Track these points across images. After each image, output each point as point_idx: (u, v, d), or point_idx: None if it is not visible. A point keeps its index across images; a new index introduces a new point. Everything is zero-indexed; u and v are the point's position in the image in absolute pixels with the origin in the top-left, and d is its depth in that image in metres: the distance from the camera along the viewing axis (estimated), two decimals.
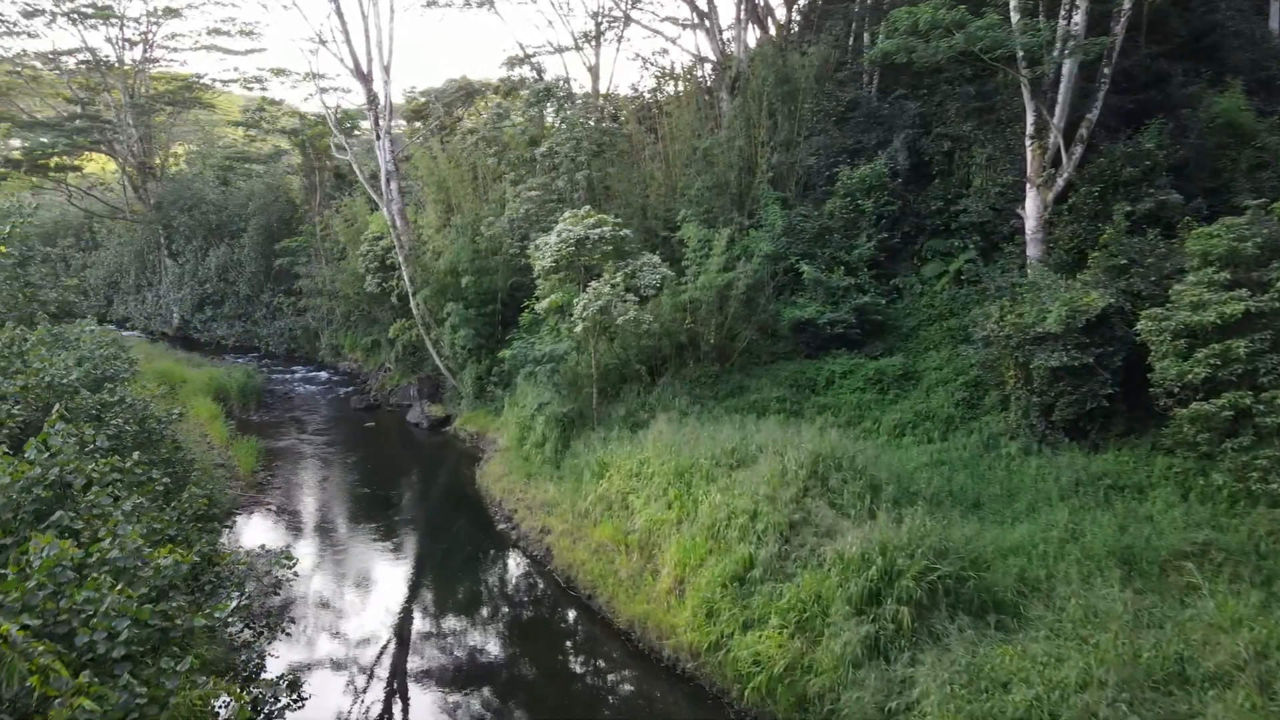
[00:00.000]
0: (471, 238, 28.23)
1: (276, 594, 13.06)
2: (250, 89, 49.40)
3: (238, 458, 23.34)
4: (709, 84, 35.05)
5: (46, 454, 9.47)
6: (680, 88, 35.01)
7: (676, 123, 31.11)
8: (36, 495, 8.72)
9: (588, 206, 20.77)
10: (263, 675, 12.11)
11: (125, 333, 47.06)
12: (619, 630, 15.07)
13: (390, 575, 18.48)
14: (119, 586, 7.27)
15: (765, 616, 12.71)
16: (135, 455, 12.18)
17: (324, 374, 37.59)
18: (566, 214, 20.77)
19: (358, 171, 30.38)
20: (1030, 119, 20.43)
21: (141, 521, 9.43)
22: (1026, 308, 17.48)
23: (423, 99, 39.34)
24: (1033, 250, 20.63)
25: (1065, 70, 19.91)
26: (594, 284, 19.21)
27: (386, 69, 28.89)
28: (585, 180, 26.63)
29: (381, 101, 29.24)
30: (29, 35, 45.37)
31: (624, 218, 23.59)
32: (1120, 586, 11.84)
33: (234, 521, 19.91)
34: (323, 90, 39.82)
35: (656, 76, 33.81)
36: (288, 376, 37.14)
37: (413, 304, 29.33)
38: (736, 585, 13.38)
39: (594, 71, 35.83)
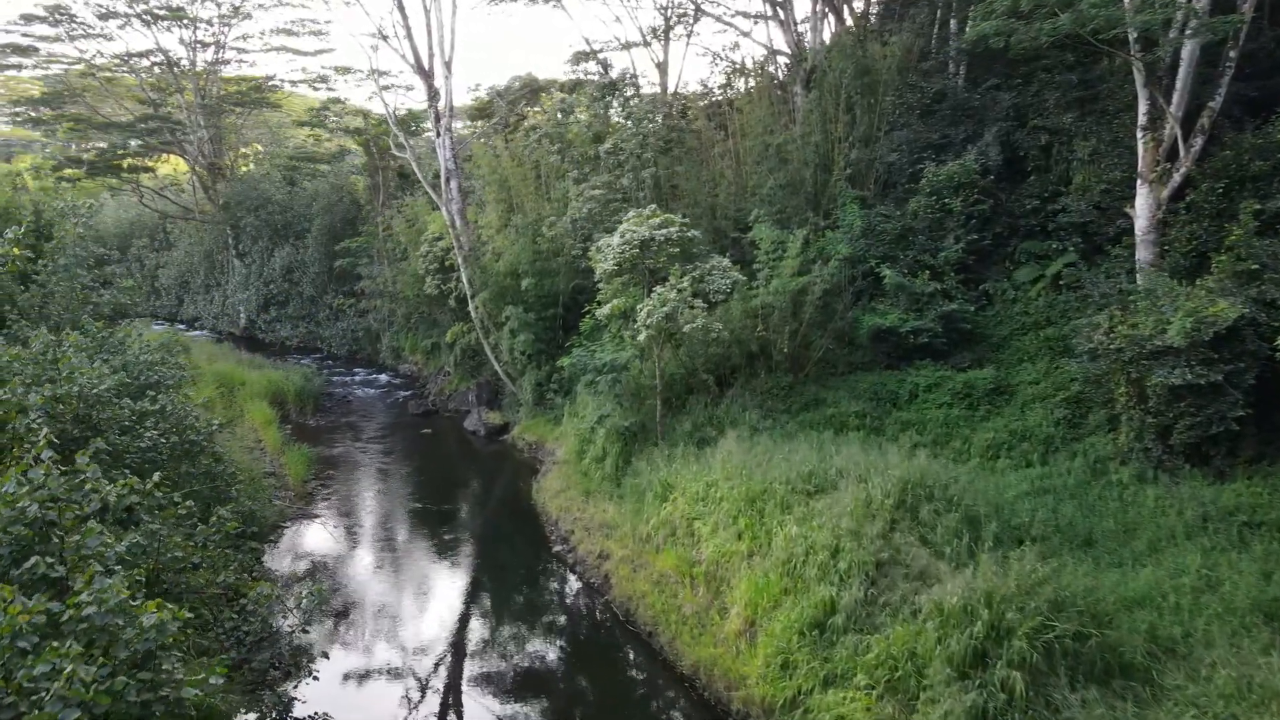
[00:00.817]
0: (532, 238, 27.12)
1: (306, 631, 11.97)
2: (316, 89, 49.35)
3: (289, 466, 22.58)
4: (782, 78, 33.45)
5: (30, 485, 8.39)
6: (751, 83, 33.49)
7: (748, 119, 29.58)
8: (16, 534, 7.67)
9: (653, 205, 19.42)
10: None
11: (193, 332, 47.37)
12: (682, 675, 13.65)
13: (438, 599, 17.37)
14: (95, 651, 6.18)
15: (849, 673, 11.16)
16: (156, 476, 11.18)
17: (384, 377, 36.98)
18: (630, 213, 19.46)
19: (416, 170, 29.55)
20: (1143, 108, 18.38)
21: (140, 567, 8.29)
22: (1141, 318, 15.56)
23: (487, 96, 38.47)
24: (1143, 253, 18.58)
25: (1185, 53, 17.84)
26: (659, 289, 17.84)
27: (448, 64, 27.96)
28: (651, 178, 25.30)
29: (442, 97, 28.32)
30: (104, 38, 45.55)
31: (691, 218, 22.19)
32: (1275, 651, 10.00)
33: (280, 535, 19.06)
34: (384, 88, 39.26)
35: (726, 73, 32.25)
36: (348, 379, 36.62)
37: (471, 307, 28.36)
38: (816, 633, 11.85)
39: (662, 68, 34.50)
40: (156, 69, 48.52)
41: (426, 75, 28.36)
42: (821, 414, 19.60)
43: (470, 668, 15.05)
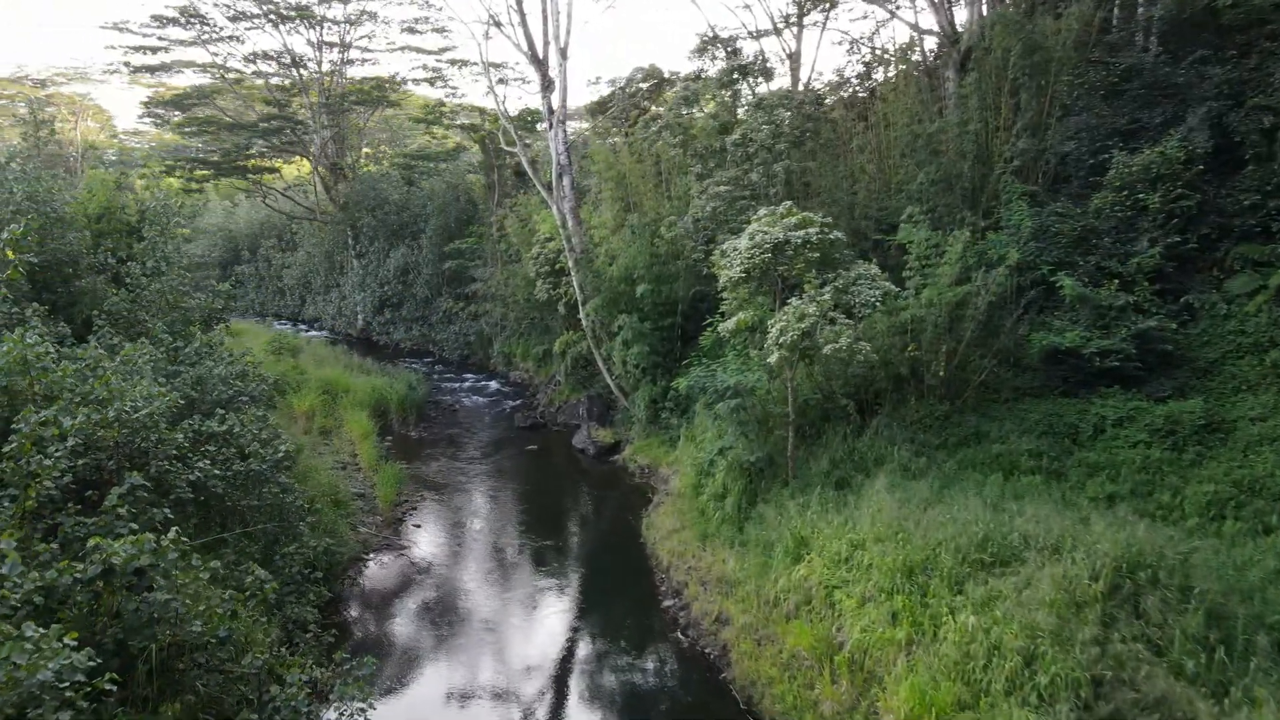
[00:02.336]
0: (650, 240, 24.68)
1: None
2: (434, 85, 48.46)
3: (380, 486, 20.80)
4: (930, 62, 29.92)
5: None
6: (895, 70, 30.10)
7: (891, 107, 26.30)
8: None
9: (789, 203, 16.59)
10: None
11: (312, 333, 47.21)
12: None
13: (524, 660, 14.90)
14: None
15: None
16: (172, 533, 9.19)
17: (493, 384, 35.30)
18: (761, 212, 16.70)
19: (526, 166, 27.55)
20: None
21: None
22: None
23: (608, 89, 36.33)
24: None
25: None
26: (794, 301, 15.02)
27: (563, 51, 25.81)
28: (784, 172, 22.45)
29: (556, 87, 26.20)
30: (233, 39, 45.79)
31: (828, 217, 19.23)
32: None
33: (359, 570, 17.16)
34: (498, 81, 37.63)
35: (864, 63, 28.95)
36: (457, 385, 35.11)
37: (582, 314, 26.14)
38: None
39: (794, 59, 31.46)
40: (281, 70, 48.62)
41: (540, 63, 26.31)
42: (985, 451, 16.34)
43: None
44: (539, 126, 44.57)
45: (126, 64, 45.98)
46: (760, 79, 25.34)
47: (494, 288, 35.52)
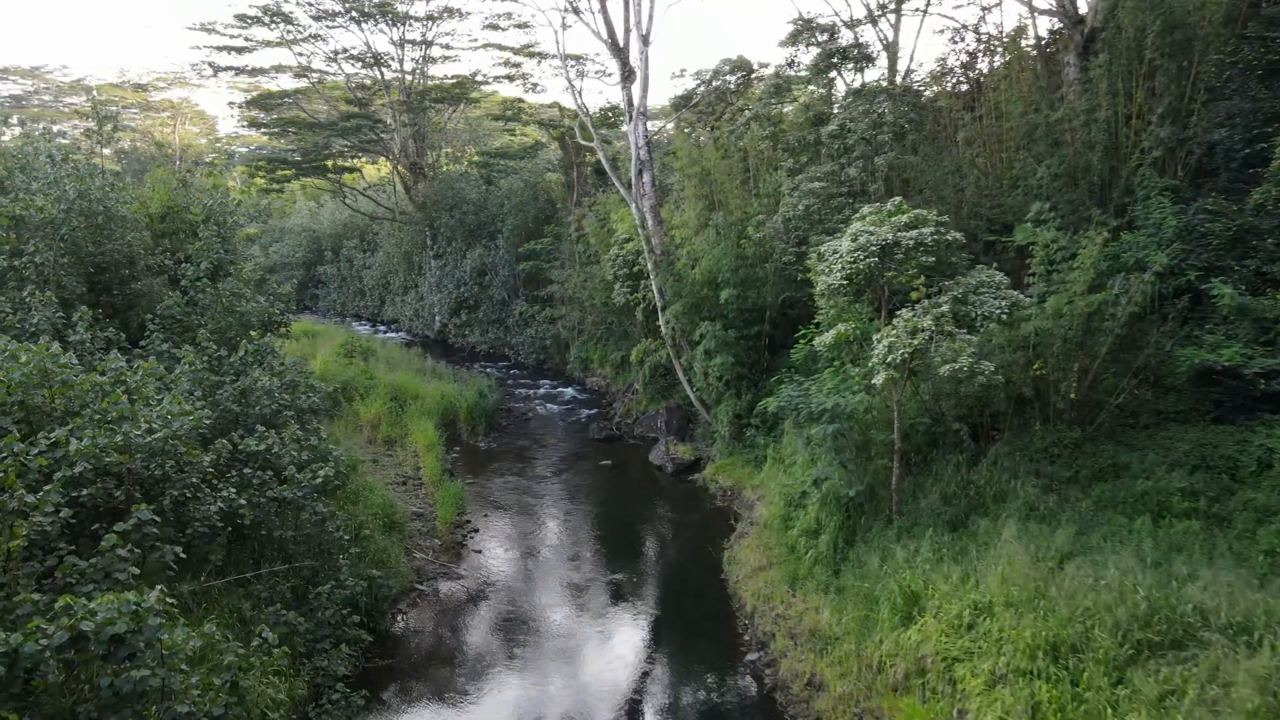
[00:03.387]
0: (736, 241, 22.72)
1: None
2: (513, 80, 47.34)
3: (440, 505, 19.35)
4: (1047, 46, 27.14)
5: None
6: (1005, 56, 27.39)
7: (1004, 96, 23.74)
8: None
9: (898, 199, 14.42)
10: None
11: (390, 334, 46.61)
12: None
13: (586, 714, 13.15)
14: None
15: None
16: (155, 592, 7.70)
17: (569, 391, 33.77)
18: (865, 210, 14.61)
19: (605, 162, 25.89)
20: None
21: None
22: None
23: (692, 82, 34.36)
24: None
25: None
26: (904, 313, 12.90)
27: (645, 38, 24.05)
28: (886, 166, 20.25)
29: (637, 77, 24.46)
30: (317, 38, 45.54)
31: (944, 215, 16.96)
32: None
33: (410, 602, 15.63)
34: (577, 74, 36.11)
35: (969, 52, 26.25)
36: (531, 392, 33.70)
37: (661, 320, 24.34)
38: None
39: (891, 49, 28.89)
40: (362, 68, 48.21)
41: (620, 51, 24.63)
42: (1128, 489, 13.91)
43: None
44: (623, 128, 43.07)
45: (211, 64, 46.17)
46: (859, 66, 23.10)
47: (571, 290, 34.03)
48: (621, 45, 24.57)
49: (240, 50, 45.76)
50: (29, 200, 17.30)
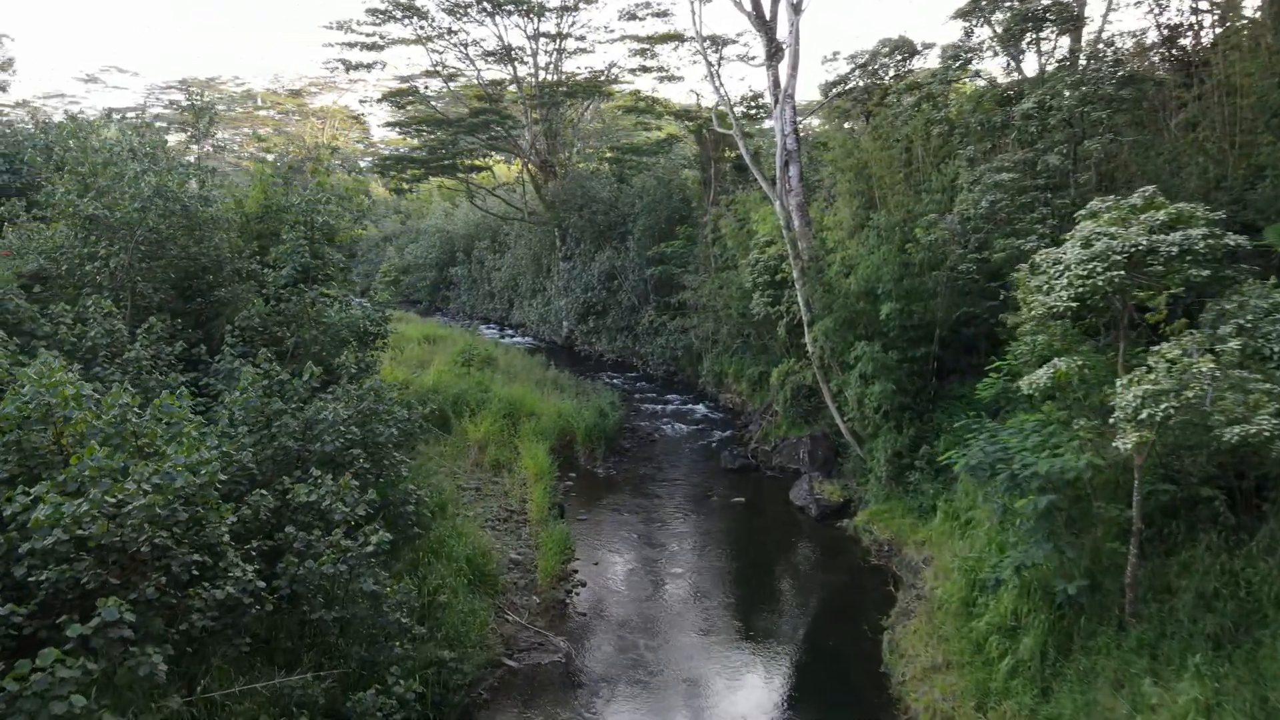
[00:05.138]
0: (899, 245, 19.04)
1: None
2: (648, 70, 44.59)
3: (543, 550, 16.57)
4: None
5: None
6: (1229, 21, 22.39)
7: (1237, 69, 19.05)
8: None
9: (1150, 189, 10.55)
10: None
11: (517, 339, 44.74)
12: None
13: None
14: None
15: None
16: None
17: (701, 408, 30.62)
18: (1098, 205, 10.81)
19: (746, 154, 22.58)
20: None
21: None
22: None
23: (845, 66, 30.57)
24: None
25: None
26: (1165, 347, 9.12)
27: (797, 5, 20.62)
28: (1102, 151, 16.22)
29: (787, 54, 21.09)
30: (450, 33, 44.22)
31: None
32: None
33: (492, 685, 12.80)
34: (720, 58, 32.91)
35: (1176, 21, 21.37)
36: (659, 408, 30.73)
37: (807, 337, 20.87)
38: None
39: (1077, 21, 24.16)
40: (494, 62, 46.56)
41: (766, 24, 21.31)
42: None
43: None
44: (764, 123, 39.64)
45: (344, 61, 45.45)
46: (1063, 29, 18.90)
47: (705, 297, 30.86)
48: (768, 17, 21.25)
49: (372, 47, 44.88)
50: (98, 197, 15.59)
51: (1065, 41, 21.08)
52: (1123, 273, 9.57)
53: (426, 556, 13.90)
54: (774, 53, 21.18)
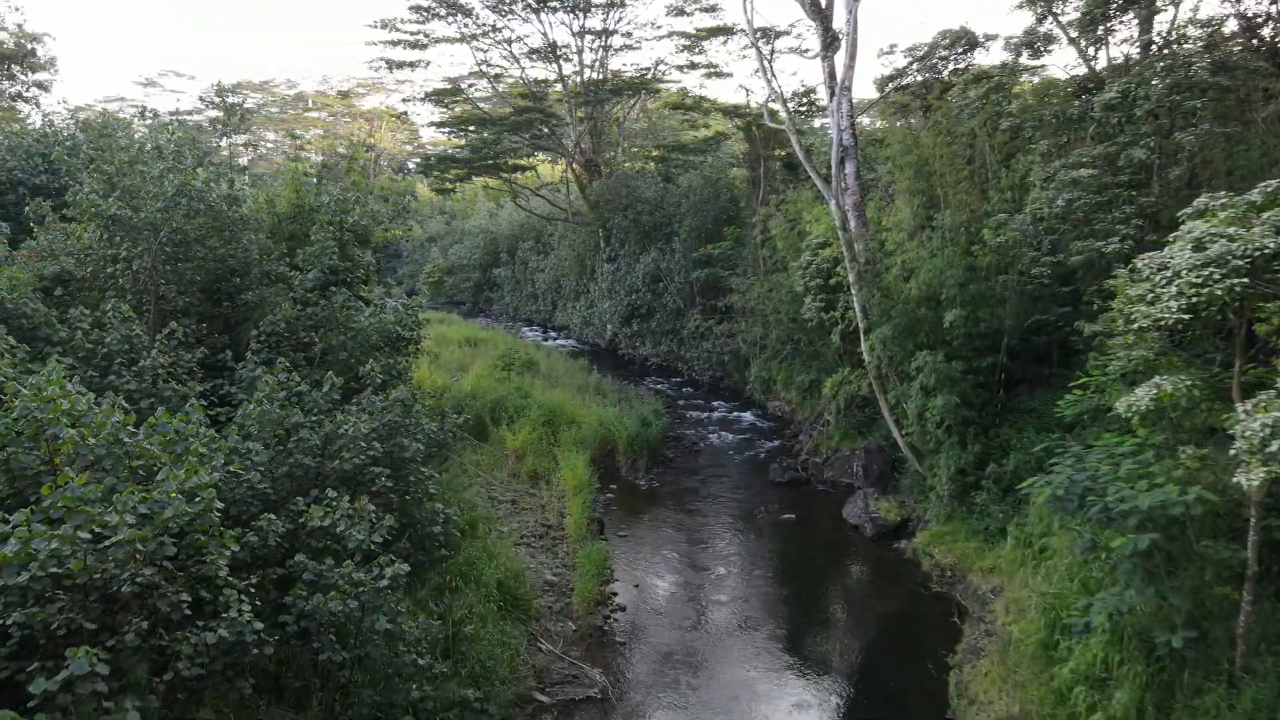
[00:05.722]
0: (964, 247, 17.74)
1: None
2: (695, 66, 43.47)
3: (580, 572, 15.56)
4: None
5: None
6: None
7: None
8: None
9: (1273, 184, 9.20)
10: None
11: (560, 342, 43.90)
12: None
13: None
14: None
15: None
16: None
17: (748, 416, 29.44)
18: (1206, 201, 9.49)
19: (798, 149, 21.36)
20: None
21: None
22: None
23: (903, 60, 29.15)
24: None
25: None
26: None
27: None
28: (1197, 144, 14.79)
29: (843, 44, 19.88)
30: (494, 29, 43.60)
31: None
32: None
33: None
34: (772, 51, 31.57)
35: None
36: (704, 415, 29.62)
37: (864, 345, 19.62)
38: None
39: (1148, 7, 22.50)
40: (540, 62, 45.82)
41: (822, 14, 20.10)
42: None
43: None
44: (815, 122, 38.28)
45: (387, 60, 44.98)
46: (1151, 9, 17.39)
47: (753, 301, 29.69)
48: (824, 5, 20.05)
49: (415, 45, 44.37)
50: (122, 197, 14.93)
51: (1135, 34, 19.61)
52: (1246, 280, 8.28)
53: (454, 580, 12.98)
54: (830, 43, 19.96)
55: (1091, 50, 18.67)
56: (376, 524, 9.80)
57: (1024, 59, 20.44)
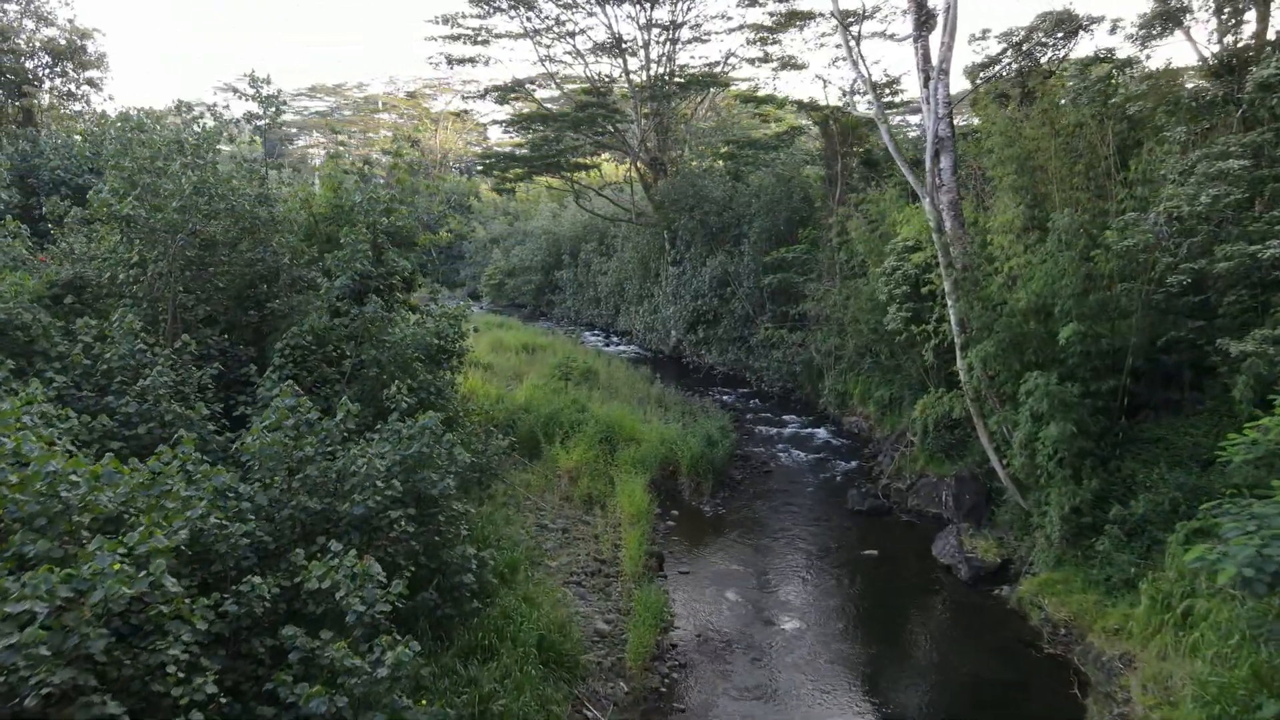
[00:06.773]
0: (1081, 252, 15.38)
1: None
2: (768, 59, 41.30)
3: (635, 621, 13.68)
4: None
5: None
6: None
7: None
8: None
9: None
10: None
11: (621, 348, 42.12)
12: None
13: None
14: None
15: None
16: None
17: (822, 432, 27.26)
18: None
19: (887, 140, 19.15)
20: None
21: None
22: None
23: (998, 46, 26.63)
24: None
25: None
26: None
27: None
28: None
29: (940, 23, 17.68)
30: (557, 23, 42.18)
31: None
32: None
33: None
34: (859, 36, 29.29)
35: None
36: (774, 431, 27.52)
37: (960, 363, 17.38)
38: None
39: None
40: (606, 56, 44.20)
41: None
42: None
43: None
44: (896, 118, 35.83)
45: (447, 56, 43.84)
46: None
47: (829, 308, 27.51)
48: None
49: (476, 41, 43.12)
50: (139, 196, 13.59)
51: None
52: None
53: (488, 637, 11.22)
54: (924, 21, 17.76)
55: (1231, 23, 16.12)
56: (385, 589, 8.07)
57: (1153, 39, 17.86)
